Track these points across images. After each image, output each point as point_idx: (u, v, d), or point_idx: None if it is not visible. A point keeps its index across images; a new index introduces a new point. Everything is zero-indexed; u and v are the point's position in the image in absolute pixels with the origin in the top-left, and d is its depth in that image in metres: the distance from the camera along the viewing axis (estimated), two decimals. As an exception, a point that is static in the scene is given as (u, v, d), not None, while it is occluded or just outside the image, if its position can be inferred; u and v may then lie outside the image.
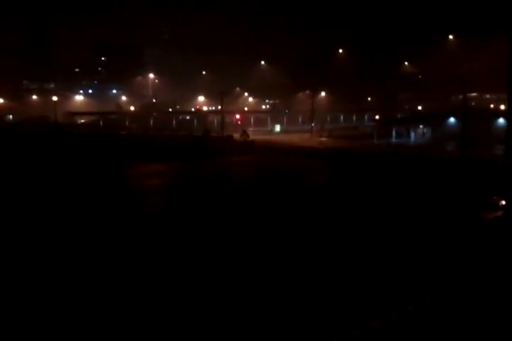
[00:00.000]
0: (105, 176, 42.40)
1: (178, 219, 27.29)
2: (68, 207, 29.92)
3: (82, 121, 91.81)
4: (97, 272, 18.57)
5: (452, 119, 66.13)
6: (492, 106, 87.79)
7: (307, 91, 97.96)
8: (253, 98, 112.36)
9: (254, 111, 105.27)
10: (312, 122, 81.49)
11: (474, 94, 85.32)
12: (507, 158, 25.95)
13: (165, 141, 59.57)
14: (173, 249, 21.63)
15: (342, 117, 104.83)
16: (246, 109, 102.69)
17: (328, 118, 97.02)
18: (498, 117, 63.39)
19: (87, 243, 22.38)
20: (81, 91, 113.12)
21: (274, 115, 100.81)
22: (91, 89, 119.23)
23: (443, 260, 19.75)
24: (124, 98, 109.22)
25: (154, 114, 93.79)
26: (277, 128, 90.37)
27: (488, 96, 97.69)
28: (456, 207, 28.04)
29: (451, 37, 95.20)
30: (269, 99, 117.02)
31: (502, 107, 79.70)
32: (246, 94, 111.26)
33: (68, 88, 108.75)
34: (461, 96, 64.68)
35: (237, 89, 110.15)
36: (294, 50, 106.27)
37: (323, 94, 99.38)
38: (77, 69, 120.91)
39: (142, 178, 41.93)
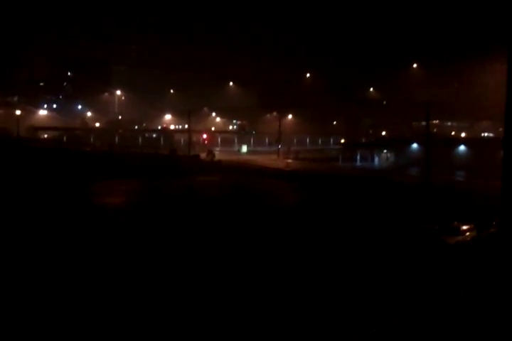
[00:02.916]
0: (67, 193, 41.38)
1: (138, 238, 26.79)
2: (28, 222, 29.06)
3: (46, 136, 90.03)
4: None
5: (415, 145, 67.83)
6: (453, 133, 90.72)
7: (274, 113, 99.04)
8: (221, 118, 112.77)
9: (222, 131, 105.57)
10: (279, 144, 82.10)
11: (436, 121, 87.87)
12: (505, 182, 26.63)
13: (130, 158, 58.87)
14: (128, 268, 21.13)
15: (308, 139, 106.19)
16: (213, 128, 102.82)
17: (295, 141, 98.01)
18: (459, 144, 65.55)
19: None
20: (45, 106, 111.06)
21: (242, 135, 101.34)
22: (56, 104, 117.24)
23: (404, 283, 19.89)
24: (89, 114, 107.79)
25: (120, 131, 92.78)
26: (244, 148, 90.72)
27: (449, 123, 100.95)
28: (419, 231, 28.46)
29: (414, 65, 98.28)
30: (237, 120, 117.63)
31: (462, 135, 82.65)
32: (214, 114, 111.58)
33: (32, 102, 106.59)
34: (423, 123, 66.50)
35: (205, 108, 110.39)
36: (262, 72, 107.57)
37: (290, 116, 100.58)
38: (41, 84, 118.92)
39: (105, 195, 41.14)
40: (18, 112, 73.34)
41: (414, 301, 17.83)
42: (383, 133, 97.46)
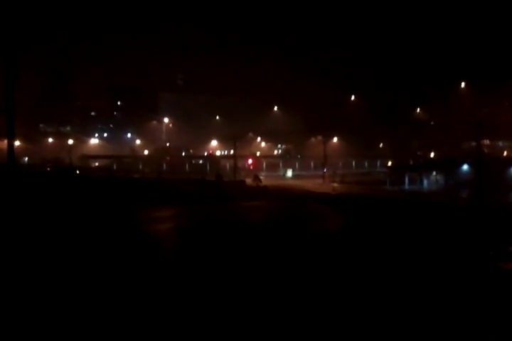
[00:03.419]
0: (118, 219, 42.22)
1: (189, 263, 26.84)
2: (83, 248, 29.72)
3: (97, 164, 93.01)
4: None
5: (465, 166, 65.98)
6: (505, 153, 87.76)
7: (319, 137, 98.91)
8: (265, 143, 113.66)
9: (267, 155, 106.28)
10: (324, 167, 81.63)
11: (487, 141, 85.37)
12: None
13: (177, 184, 59.78)
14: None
15: (354, 163, 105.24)
16: (258, 153, 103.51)
17: (340, 164, 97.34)
18: (512, 165, 63.30)
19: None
20: (96, 135, 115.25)
21: (286, 160, 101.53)
22: (106, 132, 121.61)
23: (462, 312, 19.00)
24: (138, 142, 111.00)
25: (167, 157, 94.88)
26: (289, 173, 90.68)
27: (500, 143, 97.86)
28: (474, 256, 27.31)
29: (463, 84, 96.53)
30: (282, 144, 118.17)
31: (515, 155, 79.81)
32: (259, 138, 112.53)
33: (84, 131, 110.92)
34: (473, 143, 64.77)
35: (250, 133, 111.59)
36: (307, 95, 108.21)
37: (335, 139, 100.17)
38: (93, 113, 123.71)
39: (154, 222, 41.67)
40: (70, 141, 76.16)
41: (471, 327, 17.02)
42: (432, 154, 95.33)
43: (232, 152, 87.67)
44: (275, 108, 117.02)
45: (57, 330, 18.21)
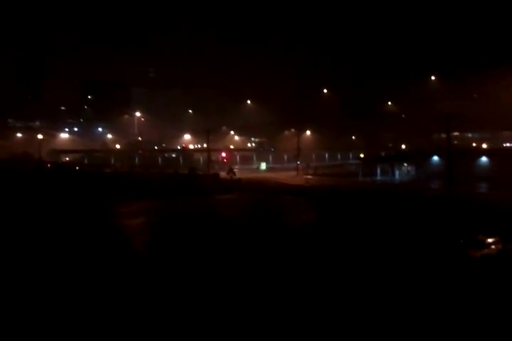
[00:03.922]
0: (90, 214, 41.75)
1: (162, 258, 26.80)
2: (54, 242, 29.42)
3: (67, 158, 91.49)
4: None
5: (436, 157, 67.04)
6: (474, 144, 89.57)
7: (292, 130, 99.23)
8: (239, 136, 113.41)
9: (240, 149, 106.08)
10: (298, 160, 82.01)
11: (456, 133, 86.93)
12: None
13: (150, 179, 59.31)
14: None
15: (327, 155, 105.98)
16: (232, 147, 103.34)
17: (314, 156, 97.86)
18: (481, 156, 64.58)
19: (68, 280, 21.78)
20: (66, 129, 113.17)
21: (260, 153, 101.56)
22: (77, 127, 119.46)
23: (430, 296, 19.51)
24: (109, 136, 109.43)
25: (140, 152, 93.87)
26: (263, 166, 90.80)
27: (470, 135, 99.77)
28: (446, 244, 27.95)
29: (432, 77, 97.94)
30: (255, 138, 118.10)
31: (484, 146, 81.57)
32: (232, 132, 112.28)
33: (54, 126, 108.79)
34: (443, 135, 65.84)
35: (224, 127, 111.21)
36: (279, 89, 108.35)
37: (308, 132, 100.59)
38: (63, 108, 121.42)
39: (127, 216, 41.35)
40: (40, 136, 74.69)
41: (442, 313, 17.52)
42: (403, 146, 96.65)
43: (205, 145, 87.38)
44: (248, 102, 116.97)
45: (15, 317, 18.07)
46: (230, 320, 17.44)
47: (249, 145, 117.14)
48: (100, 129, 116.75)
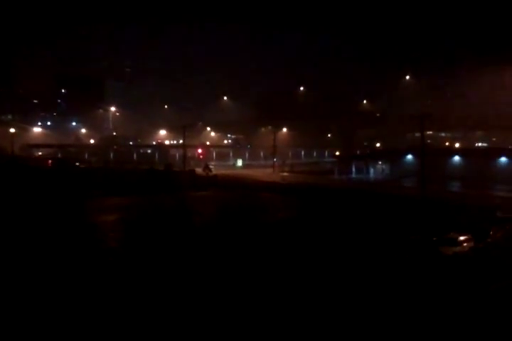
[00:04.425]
0: (64, 209, 41.14)
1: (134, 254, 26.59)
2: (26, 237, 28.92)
3: (40, 153, 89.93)
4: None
5: (410, 156, 67.94)
6: (447, 144, 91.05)
7: (269, 127, 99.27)
8: (215, 132, 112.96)
9: (217, 145, 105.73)
10: (274, 157, 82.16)
11: (430, 132, 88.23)
12: None
13: (125, 174, 58.74)
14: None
15: (303, 152, 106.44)
16: (208, 143, 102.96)
17: (290, 154, 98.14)
18: (453, 155, 65.71)
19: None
20: (39, 123, 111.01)
21: (237, 150, 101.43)
22: (50, 121, 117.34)
23: (402, 294, 19.77)
24: (83, 131, 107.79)
25: (115, 147, 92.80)
26: (239, 162, 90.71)
27: (443, 134, 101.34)
28: (416, 242, 28.35)
29: (407, 77, 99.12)
30: (232, 134, 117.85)
31: (457, 145, 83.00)
32: (208, 128, 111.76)
33: (26, 120, 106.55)
34: (417, 134, 66.72)
35: (200, 123, 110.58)
36: (257, 85, 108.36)
37: (284, 129, 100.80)
38: (35, 101, 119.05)
39: (101, 212, 40.87)
40: (12, 130, 73.18)
41: (414, 312, 17.75)
42: (378, 145, 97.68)
43: (181, 141, 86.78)
44: (225, 98, 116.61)
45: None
46: (201, 319, 17.38)
47: (225, 141, 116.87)
48: (74, 123, 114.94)
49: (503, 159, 59.17)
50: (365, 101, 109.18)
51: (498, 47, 75.41)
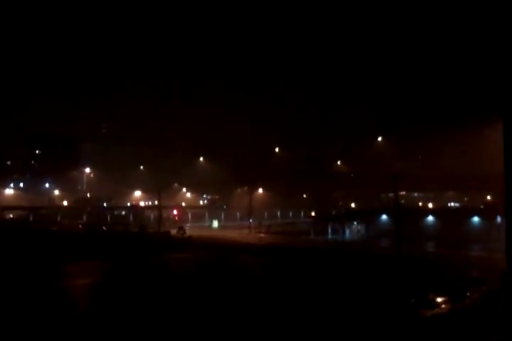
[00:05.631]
0: (33, 275, 39.73)
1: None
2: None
3: (11, 215, 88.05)
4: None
5: (384, 216, 68.66)
6: (420, 204, 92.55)
7: (245, 188, 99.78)
8: (191, 193, 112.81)
9: (192, 206, 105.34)
10: (250, 218, 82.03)
11: (403, 192, 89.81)
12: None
13: (98, 237, 57.64)
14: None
15: (279, 213, 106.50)
16: (184, 204, 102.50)
17: (266, 214, 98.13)
18: (427, 215, 66.69)
19: None
20: (11, 185, 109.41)
21: (212, 210, 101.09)
22: (23, 182, 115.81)
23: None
24: (57, 192, 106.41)
25: (88, 209, 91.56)
26: (215, 223, 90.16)
27: (416, 194, 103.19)
28: (396, 304, 28.09)
29: (379, 138, 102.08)
30: (207, 195, 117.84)
31: (430, 205, 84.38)
32: (184, 189, 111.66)
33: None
34: (390, 194, 67.82)
35: (175, 184, 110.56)
36: (232, 147, 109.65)
37: (260, 190, 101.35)
38: (8, 162, 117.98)
39: (73, 277, 39.60)
40: (-17, 192, 71.98)
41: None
42: (352, 205, 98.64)
43: (156, 202, 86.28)
44: (201, 159, 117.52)
45: None
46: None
47: (201, 202, 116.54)
48: (48, 185, 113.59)
49: (476, 218, 60.27)
50: (339, 162, 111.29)
51: (471, 109, 78.45)
